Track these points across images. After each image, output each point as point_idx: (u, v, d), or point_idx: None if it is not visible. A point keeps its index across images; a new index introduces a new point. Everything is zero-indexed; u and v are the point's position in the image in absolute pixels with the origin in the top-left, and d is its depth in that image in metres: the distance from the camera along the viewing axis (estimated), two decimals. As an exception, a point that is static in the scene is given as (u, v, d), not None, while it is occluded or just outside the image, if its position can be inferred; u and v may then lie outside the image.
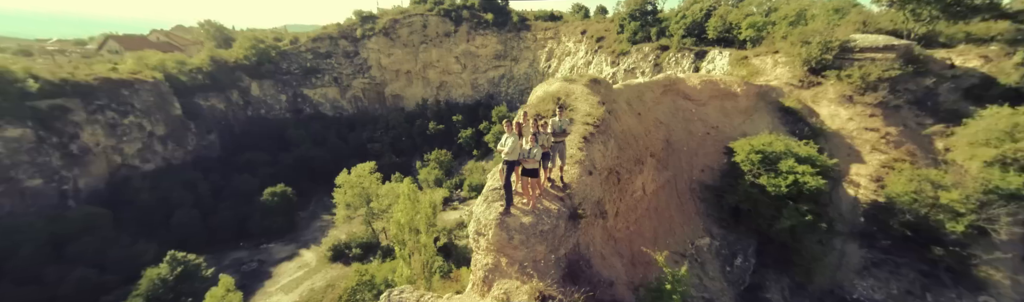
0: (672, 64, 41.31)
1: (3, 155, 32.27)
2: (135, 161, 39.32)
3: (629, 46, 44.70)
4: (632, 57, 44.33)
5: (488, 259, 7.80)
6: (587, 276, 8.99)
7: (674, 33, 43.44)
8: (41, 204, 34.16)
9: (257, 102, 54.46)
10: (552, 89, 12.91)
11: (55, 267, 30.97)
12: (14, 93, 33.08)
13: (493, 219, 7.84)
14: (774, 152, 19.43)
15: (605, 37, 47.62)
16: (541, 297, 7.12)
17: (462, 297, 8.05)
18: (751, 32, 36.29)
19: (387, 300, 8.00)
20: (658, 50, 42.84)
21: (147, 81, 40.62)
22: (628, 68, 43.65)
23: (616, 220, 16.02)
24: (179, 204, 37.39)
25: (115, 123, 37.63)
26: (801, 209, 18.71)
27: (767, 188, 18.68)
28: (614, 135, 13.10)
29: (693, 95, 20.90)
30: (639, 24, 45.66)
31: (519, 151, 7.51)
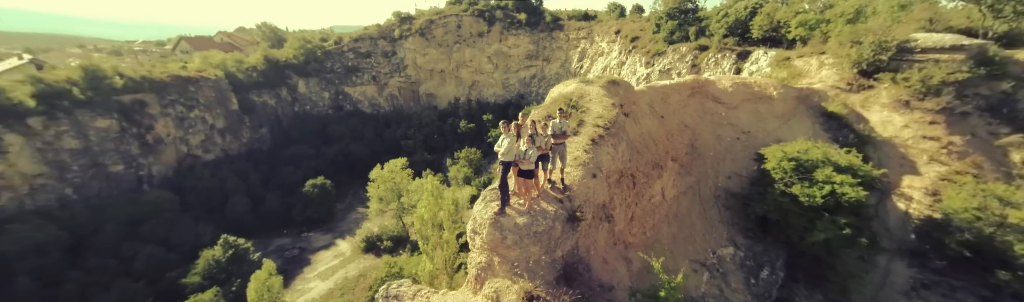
0: (711, 65, 39.68)
1: (94, 143, 36.59)
2: (198, 151, 43.41)
3: (665, 46, 43.38)
4: (668, 57, 43.01)
5: (482, 257, 8.01)
6: (584, 279, 8.98)
7: (715, 32, 41.68)
8: (122, 188, 38.38)
9: (303, 99, 58.07)
10: (567, 90, 12.93)
11: (130, 244, 34.74)
12: (104, 89, 37.44)
13: (488, 218, 7.99)
14: (810, 160, 18.27)
15: (640, 37, 46.47)
16: (529, 297, 7.24)
17: (456, 294, 8.31)
18: (801, 31, 34.01)
19: (385, 293, 8.43)
20: (696, 50, 41.28)
21: (210, 78, 44.70)
22: (663, 69, 42.40)
23: (631, 225, 15.77)
24: (233, 192, 40.72)
25: (183, 116, 41.74)
26: (838, 222, 17.50)
27: (800, 198, 17.61)
28: (628, 138, 12.90)
29: (723, 98, 20.05)
30: (677, 23, 44.20)
31: (515, 152, 7.67)
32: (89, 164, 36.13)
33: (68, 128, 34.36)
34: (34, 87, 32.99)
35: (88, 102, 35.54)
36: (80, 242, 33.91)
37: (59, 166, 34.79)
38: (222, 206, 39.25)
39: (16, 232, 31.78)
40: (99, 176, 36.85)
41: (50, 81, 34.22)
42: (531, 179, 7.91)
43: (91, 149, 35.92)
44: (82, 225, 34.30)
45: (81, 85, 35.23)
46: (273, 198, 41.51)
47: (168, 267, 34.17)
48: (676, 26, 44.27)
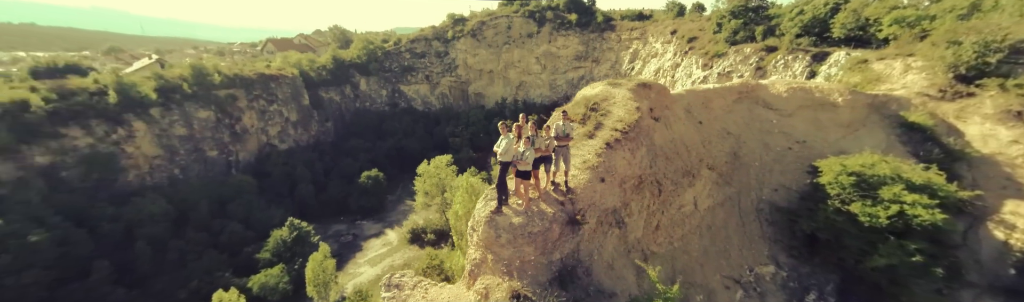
0: (779, 68, 36.57)
1: (196, 131, 43.03)
2: (275, 141, 49.27)
3: (726, 47, 40.69)
4: (729, 59, 40.35)
5: (477, 254, 8.46)
6: (582, 284, 9.07)
7: (786, 32, 38.31)
8: (215, 171, 44.64)
9: (363, 96, 62.91)
10: (591, 93, 12.93)
11: (219, 220, 40.24)
12: (206, 84, 43.89)
13: (484, 216, 8.40)
14: (876, 175, 16.40)
15: (698, 37, 44.01)
16: (515, 296, 7.56)
17: (452, 288, 8.86)
18: (896, 29, 30.01)
19: (387, 281, 9.21)
20: (762, 51, 38.25)
21: (287, 76, 50.52)
22: (723, 71, 39.84)
23: (656, 234, 15.37)
24: (300, 179, 45.48)
25: (264, 109, 47.63)
26: (907, 247, 15.58)
27: (859, 217, 15.92)
28: (652, 143, 12.61)
29: (776, 104, 18.59)
30: (741, 22, 41.25)
31: (512, 153, 8.02)
32: (192, 149, 42.51)
33: (178, 118, 40.83)
34: (156, 82, 39.76)
35: (194, 95, 41.98)
36: (182, 216, 39.91)
37: (170, 150, 41.31)
38: (291, 191, 43.94)
39: (138, 204, 38.24)
40: (199, 160, 43.17)
41: (168, 77, 40.99)
42: (528, 180, 8.21)
43: (194, 136, 42.26)
44: (184, 201, 40.30)
45: (189, 81, 41.78)
46: (333, 187, 45.59)
47: (245, 243, 38.98)
48: (740, 25, 41.36)
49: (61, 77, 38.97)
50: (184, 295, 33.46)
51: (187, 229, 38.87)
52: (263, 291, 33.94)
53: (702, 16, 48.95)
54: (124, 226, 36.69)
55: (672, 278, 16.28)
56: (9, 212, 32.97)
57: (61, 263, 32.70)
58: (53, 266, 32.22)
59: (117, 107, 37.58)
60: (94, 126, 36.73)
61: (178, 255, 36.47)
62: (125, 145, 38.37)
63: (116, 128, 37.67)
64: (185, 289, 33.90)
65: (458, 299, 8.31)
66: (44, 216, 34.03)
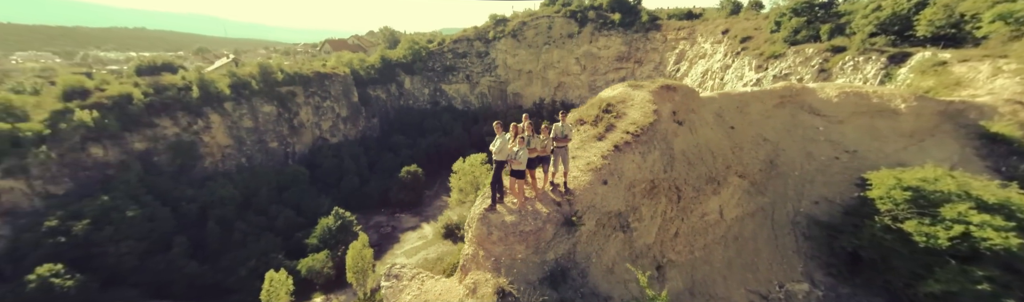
0: (846, 70, 33.41)
1: (261, 124, 47.70)
2: (327, 135, 53.31)
3: (785, 47, 37.75)
4: (787, 60, 37.47)
5: (470, 250, 8.81)
6: (575, 285, 9.13)
7: (858, 30, 34.84)
8: (275, 161, 49.19)
9: (407, 94, 65.74)
10: (609, 94, 12.79)
11: (276, 206, 44.32)
12: (270, 81, 48.46)
13: (478, 213, 8.73)
14: (938, 192, 14.69)
15: (753, 37, 41.16)
16: (500, 292, 7.85)
17: (446, 281, 9.31)
18: (998, 26, 25.92)
19: (388, 272, 9.85)
20: (827, 52, 35.11)
21: (339, 75, 54.37)
22: (780, 73, 37.06)
23: (675, 241, 14.94)
24: (347, 171, 48.75)
25: (318, 105, 51.70)
26: (973, 273, 13.88)
27: (913, 237, 14.38)
28: (667, 147, 12.24)
29: (825, 109, 17.15)
30: (804, 20, 38.08)
31: (507, 152, 8.28)
32: (256, 140, 47.16)
33: (246, 111, 45.52)
34: (230, 79, 44.62)
35: (260, 92, 46.59)
36: (245, 200, 44.37)
37: (239, 140, 46.09)
38: (338, 182, 47.23)
39: (211, 188, 43.10)
40: (262, 150, 47.78)
41: (240, 75, 45.83)
42: (522, 179, 8.44)
43: (259, 128, 46.87)
44: (248, 187, 44.76)
45: (257, 78, 46.41)
46: (375, 180, 48.33)
47: (297, 228, 42.50)
48: (803, 23, 38.21)
49: (158, 74, 45.03)
50: (244, 272, 37.08)
51: (249, 212, 43.12)
52: (309, 274, 36.80)
53: (759, 14, 45.66)
54: (199, 207, 41.54)
55: (690, 289, 15.70)
56: (113, 190, 38.64)
57: (149, 236, 37.77)
58: (143, 238, 37.30)
59: (198, 101, 42.71)
60: (180, 117, 42.00)
61: (241, 236, 40.59)
62: (203, 135, 43.45)
63: (197, 119, 42.81)
64: (244, 267, 37.58)
65: (449, 292, 8.76)
66: (139, 195, 39.47)
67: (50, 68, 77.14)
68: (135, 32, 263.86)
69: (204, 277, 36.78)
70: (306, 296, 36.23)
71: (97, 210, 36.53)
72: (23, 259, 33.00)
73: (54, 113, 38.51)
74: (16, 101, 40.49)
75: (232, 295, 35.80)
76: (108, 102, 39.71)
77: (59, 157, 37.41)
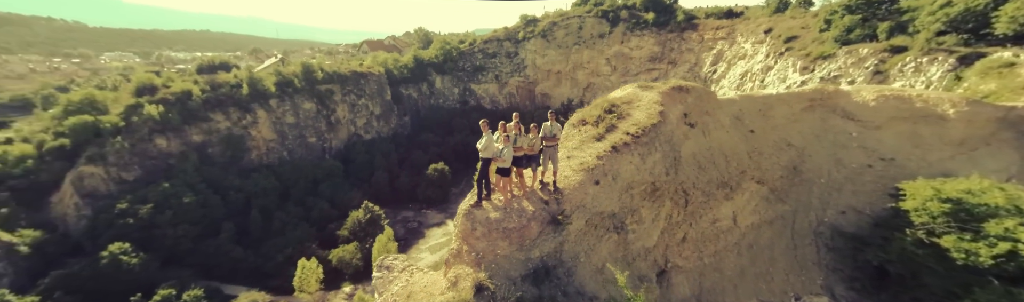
0: (906, 72, 30.69)
1: (301, 120, 50.82)
2: (361, 131, 55.89)
3: (835, 47, 35.20)
4: (838, 61, 34.98)
5: (455, 244, 9.10)
6: (559, 284, 9.23)
7: (924, 28, 31.86)
8: (313, 155, 52.21)
9: (437, 93, 67.27)
10: (616, 95, 12.67)
11: (312, 198, 47.08)
12: (311, 80, 51.48)
13: (463, 209, 9.01)
14: (983, 205, 13.42)
15: (799, 36, 38.60)
16: (478, 286, 8.13)
17: (433, 273, 9.69)
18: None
19: (380, 263, 10.37)
20: (885, 52, 32.38)
21: (374, 74, 56.77)
22: (828, 75, 34.65)
23: (682, 246, 14.66)
24: (378, 167, 50.81)
25: (354, 103, 54.29)
26: (1020, 296, 12.66)
27: (951, 253, 13.28)
28: (672, 149, 11.99)
29: (859, 114, 16.02)
30: (859, 18, 35.30)
31: (492, 150, 8.54)
32: (297, 135, 50.29)
33: (289, 108, 48.68)
34: (276, 78, 47.91)
35: (301, 89, 49.64)
36: (285, 191, 47.43)
37: (282, 135, 49.35)
38: (370, 177, 49.34)
39: (256, 179, 46.44)
40: (302, 145, 50.91)
41: (284, 73, 49.10)
42: (507, 177, 8.67)
43: (300, 124, 49.96)
44: (288, 179, 47.80)
45: (299, 77, 49.50)
46: (405, 176, 50.03)
47: (330, 219, 44.83)
48: (857, 22, 35.44)
49: (215, 73, 49.22)
50: (281, 259, 39.60)
51: (288, 203, 46.03)
52: (339, 264, 38.78)
53: (807, 12, 42.68)
54: (245, 196, 44.85)
55: (697, 296, 15.28)
56: (173, 178, 42.63)
57: (202, 221, 41.30)
58: (197, 223, 40.84)
59: (248, 97, 46.20)
60: (231, 112, 45.63)
61: (280, 225, 43.41)
62: (251, 129, 46.94)
63: (246, 115, 46.32)
64: (282, 254, 40.12)
65: (433, 285, 9.16)
66: (195, 183, 43.26)
67: (130, 67, 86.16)
68: (201, 34, 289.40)
69: (246, 261, 39.66)
70: (336, 285, 38.09)
71: (160, 196, 40.40)
72: (99, 237, 37.17)
73: (128, 107, 43.06)
74: (99, 96, 45.73)
75: (271, 280, 38.34)
76: (172, 98, 43.86)
77: (131, 147, 41.74)
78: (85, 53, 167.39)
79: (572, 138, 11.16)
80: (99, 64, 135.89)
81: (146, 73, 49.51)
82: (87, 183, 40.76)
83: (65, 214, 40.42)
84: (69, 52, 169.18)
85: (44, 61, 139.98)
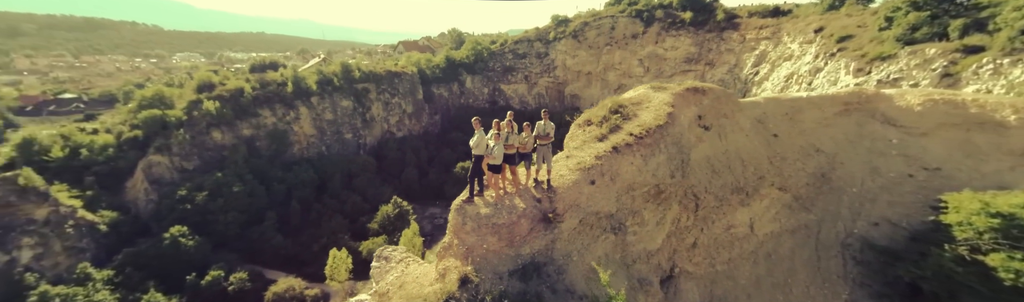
0: (983, 74, 27.61)
1: (339, 116, 53.51)
2: (393, 129, 58.04)
3: (896, 47, 32.30)
4: (899, 62, 32.09)
5: (447, 238, 9.40)
6: (548, 281, 9.32)
7: (1007, 25, 28.55)
8: (348, 150, 54.86)
9: (467, 93, 68.26)
10: (626, 96, 12.48)
11: (346, 191, 49.52)
12: (349, 79, 54.06)
13: (456, 204, 9.27)
14: (1043, 222, 12.01)
15: (854, 36, 35.71)
16: (463, 279, 8.41)
17: (428, 265, 10.06)
18: None
19: (379, 253, 10.86)
20: (956, 53, 29.27)
21: (407, 73, 58.69)
22: (886, 78, 31.84)
23: (693, 252, 14.28)
24: (408, 164, 52.56)
25: (388, 101, 56.43)
26: None
27: (998, 273, 12.07)
28: (680, 151, 11.66)
29: (902, 119, 14.77)
30: (927, 15, 32.21)
31: (483, 147, 8.76)
32: (334, 131, 53.04)
33: (329, 105, 51.45)
34: (317, 76, 50.83)
35: (340, 88, 52.27)
36: (322, 184, 50.15)
37: (321, 131, 52.24)
38: (400, 174, 51.14)
39: (297, 171, 49.49)
40: (338, 140, 53.67)
41: (325, 72, 51.96)
42: (498, 174, 8.87)
43: (337, 121, 52.67)
44: (325, 173, 50.49)
45: (338, 76, 52.18)
46: (433, 173, 51.42)
47: (362, 213, 46.86)
48: (924, 19, 32.33)
49: (264, 71, 53.01)
50: (316, 248, 41.91)
51: (325, 195, 48.66)
52: (369, 255, 40.50)
53: (866, 9, 39.30)
54: (286, 187, 47.90)
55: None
56: (225, 168, 46.31)
57: (248, 210, 44.53)
58: (244, 211, 44.07)
59: (292, 95, 49.32)
60: (277, 109, 48.92)
61: (317, 216, 46.00)
62: (294, 125, 50.08)
63: (289, 111, 49.50)
64: (317, 243, 42.46)
65: (425, 276, 9.54)
66: (243, 174, 46.74)
67: (195, 66, 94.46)
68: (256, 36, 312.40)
69: (286, 249, 42.39)
70: (365, 276, 39.77)
71: (213, 184, 43.98)
72: (163, 220, 41.10)
73: (190, 102, 47.26)
74: (166, 92, 50.56)
75: (306, 267, 40.72)
76: (226, 94, 47.66)
77: (191, 139, 45.79)
78: (160, 54, 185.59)
79: (575, 138, 11.20)
80: (171, 64, 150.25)
81: (206, 72, 54.15)
82: (155, 171, 45.15)
83: (137, 198, 44.98)
84: (148, 53, 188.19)
85: (128, 61, 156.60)
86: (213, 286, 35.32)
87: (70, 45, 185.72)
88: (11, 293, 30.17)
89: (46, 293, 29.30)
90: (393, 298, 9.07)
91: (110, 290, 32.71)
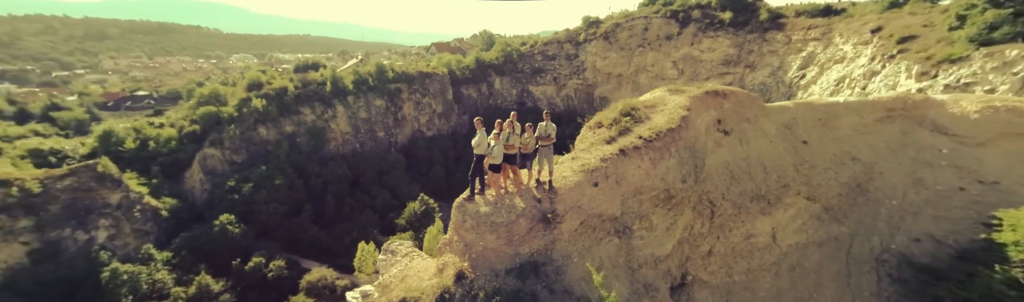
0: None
1: (372, 115, 55.63)
2: (424, 128, 59.54)
3: (969, 48, 29.16)
4: (972, 65, 28.96)
5: (448, 234, 9.66)
6: (546, 281, 9.32)
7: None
8: (380, 148, 56.91)
9: (496, 94, 68.64)
10: (641, 99, 12.20)
11: (376, 187, 51.40)
12: (383, 79, 56.08)
13: (457, 202, 9.48)
14: (1118, 246, 10.60)
15: (918, 36, 32.61)
16: (459, 274, 8.60)
17: (430, 260, 10.33)
18: None
19: (387, 247, 11.25)
20: (1048, 54, 26.24)
21: (438, 74, 59.97)
22: (956, 82, 28.81)
23: (708, 261, 13.81)
24: (436, 163, 53.81)
25: (419, 101, 57.97)
26: None
27: (1060, 300, 10.77)
28: (692, 156, 11.26)
29: (956, 128, 13.47)
30: (1008, 13, 28.94)
31: (483, 146, 8.89)
32: (368, 129, 55.20)
33: (363, 104, 53.65)
34: (354, 76, 53.16)
35: (374, 87, 54.34)
36: (355, 180, 52.31)
37: (356, 128, 54.55)
38: (428, 172, 52.42)
39: (332, 167, 51.92)
40: (371, 138, 55.85)
41: (361, 73, 54.25)
42: (498, 173, 8.99)
43: (371, 119, 54.80)
44: (358, 169, 52.62)
45: (373, 76, 54.28)
46: (460, 172, 52.25)
47: (391, 208, 48.38)
48: (1005, 17, 29.00)
49: (306, 72, 56.11)
50: (347, 241, 43.75)
51: (357, 191, 50.73)
52: (394, 250, 42.04)
53: (933, 7, 35.69)
54: (322, 182, 50.36)
55: None
56: (269, 162, 49.43)
57: (288, 202, 47.24)
58: (284, 203, 46.79)
59: (330, 94, 51.89)
60: (316, 107, 51.64)
61: (349, 210, 48.01)
62: (331, 122, 52.64)
63: (327, 109, 52.09)
64: (349, 236, 44.31)
65: (426, 270, 9.81)
66: (284, 168, 49.67)
67: (248, 66, 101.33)
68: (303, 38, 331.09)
69: (320, 240, 44.59)
70: (390, 268, 41.32)
71: (258, 177, 47.04)
72: (214, 208, 44.49)
73: (241, 100, 50.84)
74: (221, 91, 54.75)
75: (338, 258, 42.58)
76: (272, 93, 50.88)
77: (241, 134, 49.24)
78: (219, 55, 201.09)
79: (585, 140, 11.15)
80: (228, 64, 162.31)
81: (256, 72, 58.05)
82: (209, 162, 48.96)
83: (193, 187, 48.95)
84: (209, 54, 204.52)
85: (192, 61, 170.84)
86: (255, 272, 37.86)
87: (146, 47, 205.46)
88: (88, 268, 33.75)
89: (116, 270, 32.54)
90: (394, 290, 9.43)
91: (168, 270, 36.00)
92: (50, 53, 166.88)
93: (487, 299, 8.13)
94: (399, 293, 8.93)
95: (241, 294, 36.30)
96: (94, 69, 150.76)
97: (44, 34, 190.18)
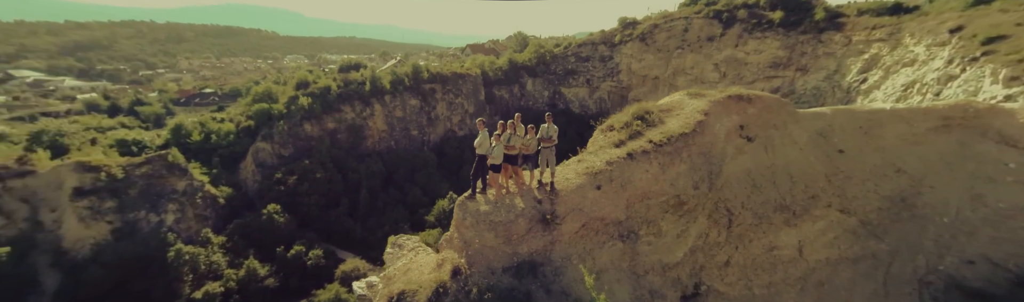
0: None
1: (407, 114, 57.45)
2: (455, 128, 60.64)
3: (1071, 50, 25.57)
4: (1070, 70, 25.48)
5: (450, 231, 9.85)
6: (544, 281, 9.30)
7: None
8: (413, 147, 58.67)
9: (528, 95, 68.21)
10: (659, 102, 11.79)
11: (408, 184, 53.13)
12: (419, 79, 57.77)
13: (459, 200, 9.63)
14: None
15: (1007, 36, 28.59)
16: (455, 270, 8.78)
17: (432, 255, 10.58)
18: None
19: (395, 241, 11.63)
20: None
21: (471, 75, 60.69)
22: (1055, 89, 25.31)
23: (725, 271, 13.22)
24: (466, 162, 54.71)
25: (451, 101, 59.09)
26: None
27: None
28: (708, 162, 10.76)
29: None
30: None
31: (485, 147, 8.97)
32: (403, 127, 57.11)
33: (399, 103, 55.56)
34: (391, 77, 55.22)
35: (410, 87, 56.11)
36: (388, 176, 54.34)
37: (391, 126, 56.62)
38: (458, 170, 53.41)
39: (369, 163, 54.24)
40: (405, 136, 57.75)
41: (398, 73, 56.20)
42: (498, 173, 9.06)
43: (406, 118, 56.67)
44: (392, 165, 54.64)
45: (409, 76, 56.05)
46: (489, 172, 52.98)
47: (421, 205, 49.89)
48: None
49: (348, 72, 58.99)
50: (380, 234, 45.64)
51: (390, 187, 52.75)
52: (425, 246, 43.39)
53: None
54: (359, 177, 52.73)
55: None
56: (312, 157, 52.51)
57: (328, 195, 49.97)
58: (324, 196, 49.61)
59: (368, 93, 54.26)
60: (356, 105, 54.18)
61: (383, 205, 49.99)
62: (369, 120, 55.05)
63: (366, 108, 54.51)
64: (381, 230, 46.15)
65: (428, 265, 10.08)
66: (325, 162, 52.59)
67: (298, 67, 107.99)
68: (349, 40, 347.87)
69: (355, 233, 46.82)
70: (417, 263, 42.72)
71: (301, 170, 50.15)
72: (263, 198, 48.02)
73: (289, 98, 54.39)
74: (273, 89, 58.82)
75: (371, 251, 44.36)
76: (317, 92, 54.01)
77: (288, 129, 52.70)
78: (275, 56, 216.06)
79: (595, 143, 11.01)
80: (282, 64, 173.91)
81: (304, 72, 61.82)
82: (260, 155, 52.82)
83: (246, 178, 53.01)
84: (266, 55, 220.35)
85: (252, 62, 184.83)
86: (296, 259, 40.50)
87: (215, 49, 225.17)
88: (158, 247, 37.65)
89: (181, 250, 36.00)
90: (396, 282, 9.80)
91: (222, 253, 39.42)
92: (138, 54, 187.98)
93: (480, 295, 8.28)
94: (400, 285, 9.27)
95: (283, 279, 39.01)
96: (172, 69, 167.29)
97: (134, 37, 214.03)
